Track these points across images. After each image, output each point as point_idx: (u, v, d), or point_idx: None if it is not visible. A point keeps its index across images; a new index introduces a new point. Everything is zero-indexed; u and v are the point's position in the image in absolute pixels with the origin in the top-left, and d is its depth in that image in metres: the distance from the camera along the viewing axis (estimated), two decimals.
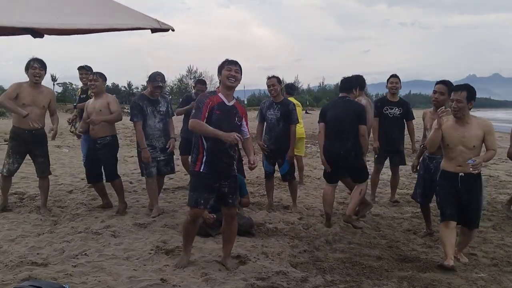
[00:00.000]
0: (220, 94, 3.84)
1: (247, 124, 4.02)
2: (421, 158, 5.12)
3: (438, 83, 4.90)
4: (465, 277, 3.79)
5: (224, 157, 3.80)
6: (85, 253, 4.09)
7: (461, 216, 4.08)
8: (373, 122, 6.09)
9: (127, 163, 9.78)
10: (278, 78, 5.97)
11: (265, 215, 5.68)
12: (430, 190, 5.08)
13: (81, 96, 6.90)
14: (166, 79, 5.67)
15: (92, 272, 3.65)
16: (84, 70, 6.83)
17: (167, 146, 5.62)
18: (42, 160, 5.60)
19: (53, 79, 77.06)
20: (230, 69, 3.78)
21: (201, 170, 3.79)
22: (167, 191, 6.88)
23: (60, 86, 65.70)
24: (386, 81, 6.55)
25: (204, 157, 3.79)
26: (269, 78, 5.95)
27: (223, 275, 3.69)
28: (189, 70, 77.83)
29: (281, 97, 5.98)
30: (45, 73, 5.54)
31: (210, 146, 3.79)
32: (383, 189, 7.42)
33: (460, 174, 4.01)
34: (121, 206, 5.64)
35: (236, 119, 3.87)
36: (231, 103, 3.86)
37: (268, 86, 5.93)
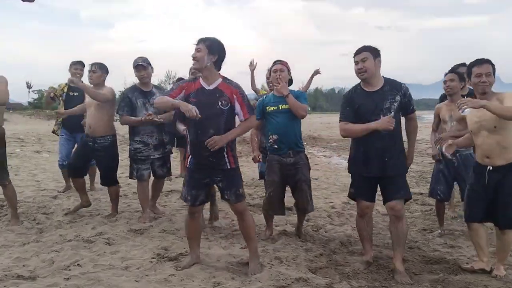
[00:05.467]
0: (200, 79, 3.53)
1: (242, 105, 3.48)
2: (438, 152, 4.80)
3: (446, 73, 4.65)
4: (502, 279, 3.45)
5: (204, 151, 3.40)
6: (77, 264, 3.62)
7: (491, 215, 3.62)
8: None
9: None
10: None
11: None
12: (451, 187, 4.78)
13: (70, 93, 6.38)
14: (150, 62, 5.06)
15: (88, 285, 3.20)
16: (79, 65, 6.34)
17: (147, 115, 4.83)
18: None
19: (28, 86, 75.16)
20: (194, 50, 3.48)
21: (188, 166, 3.54)
22: (160, 195, 6.40)
23: (35, 93, 64.13)
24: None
25: (190, 152, 3.50)
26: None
27: (238, 284, 3.27)
28: (167, 75, 76.41)
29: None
30: None
31: (191, 139, 3.50)
32: None
33: (488, 167, 3.53)
34: (112, 214, 5.20)
35: (220, 103, 3.42)
36: (212, 86, 3.47)
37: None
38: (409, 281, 3.40)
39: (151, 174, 5.19)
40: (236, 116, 3.55)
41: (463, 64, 5.22)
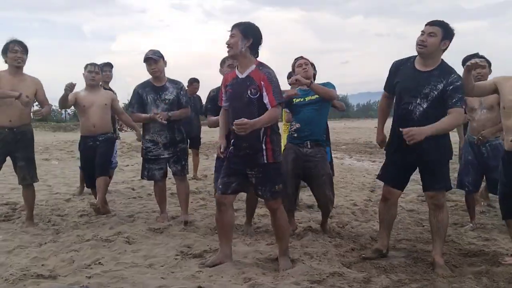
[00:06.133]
0: (236, 68, 3.39)
1: (268, 92, 3.21)
2: (465, 141, 4.63)
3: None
4: None
5: (241, 141, 3.28)
6: (99, 262, 3.44)
7: None
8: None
9: (124, 171, 9.10)
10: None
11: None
12: (480, 178, 4.59)
13: None
14: (162, 55, 4.73)
15: (112, 283, 3.02)
16: (108, 67, 6.20)
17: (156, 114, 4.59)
18: (23, 164, 4.59)
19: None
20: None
21: (226, 154, 3.43)
22: (174, 195, 6.20)
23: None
24: None
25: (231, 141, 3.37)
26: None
27: (270, 280, 3.08)
28: None
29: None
30: (27, 58, 4.57)
31: (230, 130, 3.37)
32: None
33: None
34: (100, 202, 4.81)
35: (250, 92, 3.24)
36: (244, 74, 3.30)
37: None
38: (450, 274, 3.20)
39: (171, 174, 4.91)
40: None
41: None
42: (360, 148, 14.98)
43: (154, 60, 4.65)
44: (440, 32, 3.23)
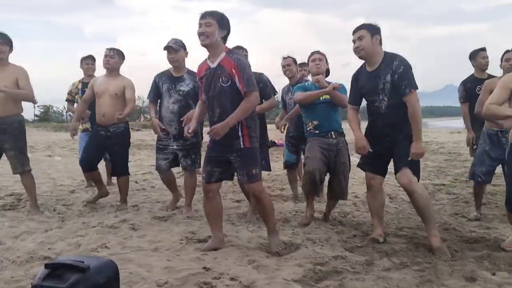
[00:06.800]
0: (207, 58, 3.38)
1: (239, 79, 3.19)
2: (482, 133, 4.59)
3: (507, 52, 4.44)
4: None
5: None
6: (105, 246, 3.50)
7: None
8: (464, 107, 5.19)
9: None
10: (294, 59, 5.29)
11: (293, 205, 5.18)
12: (493, 170, 4.55)
13: (85, 90, 6.28)
14: (183, 45, 4.67)
15: (119, 264, 2.98)
16: (91, 60, 6.24)
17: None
18: (12, 153, 4.58)
19: (34, 102, 75.11)
20: (200, 25, 3.24)
21: (208, 144, 3.47)
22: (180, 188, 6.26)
23: (41, 109, 64.29)
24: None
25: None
26: (284, 58, 5.27)
27: (274, 261, 3.14)
28: (138, 97, 74.81)
29: (296, 78, 5.27)
30: (10, 50, 4.56)
31: (208, 118, 3.48)
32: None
33: None
34: (122, 205, 4.95)
35: (221, 80, 3.23)
36: (215, 64, 3.28)
37: (283, 67, 5.27)
38: (448, 256, 3.25)
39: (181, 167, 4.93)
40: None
41: (483, 49, 5.11)
42: None
43: (174, 49, 4.59)
44: (367, 32, 3.44)
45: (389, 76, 3.39)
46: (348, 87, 4.01)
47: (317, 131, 4.35)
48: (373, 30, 3.47)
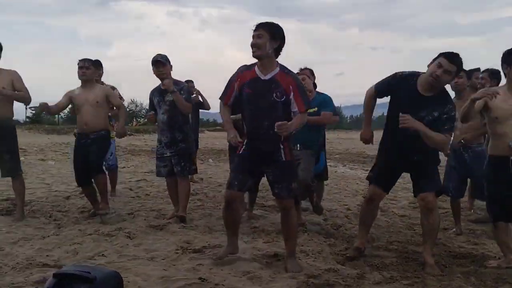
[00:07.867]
0: (256, 68, 3.30)
1: (296, 97, 3.21)
2: (450, 149, 4.76)
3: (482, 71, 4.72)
4: None
5: (260, 142, 3.31)
6: (102, 254, 3.57)
7: None
8: None
9: (121, 172, 9.13)
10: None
11: None
12: (464, 184, 4.75)
13: None
14: (168, 59, 4.82)
15: None
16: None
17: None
18: (9, 157, 4.62)
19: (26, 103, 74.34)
20: (253, 37, 3.21)
21: (241, 152, 3.41)
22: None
23: (32, 110, 64.08)
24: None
25: (245, 140, 3.38)
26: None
27: (269, 273, 3.22)
28: (132, 101, 73.25)
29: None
30: None
31: (247, 130, 3.40)
32: (396, 193, 7.02)
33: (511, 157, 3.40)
34: (104, 206, 4.89)
35: (275, 95, 3.21)
36: (268, 76, 3.24)
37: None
38: (440, 273, 3.35)
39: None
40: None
41: (477, 69, 5.27)
42: (353, 157, 15.16)
43: (162, 63, 4.75)
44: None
45: (437, 113, 3.37)
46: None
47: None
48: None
